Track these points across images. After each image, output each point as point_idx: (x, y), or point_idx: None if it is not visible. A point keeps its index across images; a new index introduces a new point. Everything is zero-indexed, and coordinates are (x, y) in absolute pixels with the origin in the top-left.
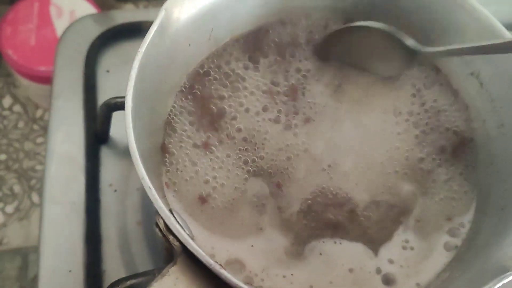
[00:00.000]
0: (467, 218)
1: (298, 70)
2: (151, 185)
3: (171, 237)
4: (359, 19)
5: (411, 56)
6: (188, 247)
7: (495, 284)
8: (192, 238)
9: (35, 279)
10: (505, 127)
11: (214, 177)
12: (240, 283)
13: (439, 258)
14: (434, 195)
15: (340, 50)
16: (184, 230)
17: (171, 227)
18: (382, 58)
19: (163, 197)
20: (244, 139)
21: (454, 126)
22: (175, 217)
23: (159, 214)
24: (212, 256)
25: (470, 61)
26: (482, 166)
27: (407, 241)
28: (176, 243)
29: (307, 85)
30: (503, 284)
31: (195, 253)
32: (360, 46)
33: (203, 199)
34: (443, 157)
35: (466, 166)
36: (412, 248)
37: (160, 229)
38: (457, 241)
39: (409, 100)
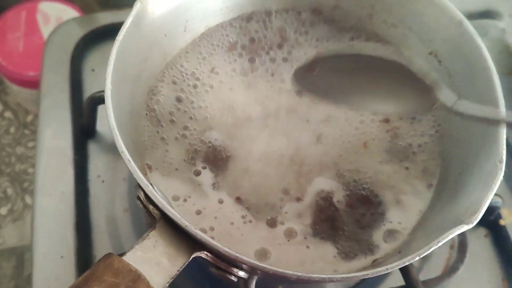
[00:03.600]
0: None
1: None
2: (130, 158)
3: (151, 207)
4: (327, 10)
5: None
6: (165, 211)
7: (451, 233)
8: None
9: (30, 277)
10: (462, 100)
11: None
12: (212, 241)
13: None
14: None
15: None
16: (163, 198)
17: (150, 195)
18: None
19: (145, 175)
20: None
21: None
22: (154, 188)
23: (139, 187)
24: None
25: (428, 41)
26: (444, 137)
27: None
28: (156, 212)
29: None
30: None
31: (172, 216)
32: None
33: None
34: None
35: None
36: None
37: (141, 201)
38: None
39: None
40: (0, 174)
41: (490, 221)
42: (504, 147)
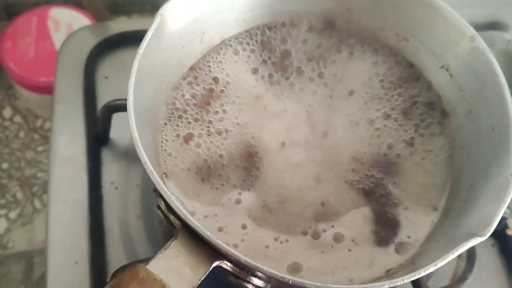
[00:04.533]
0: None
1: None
2: (152, 169)
3: (171, 217)
4: (340, 22)
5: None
6: (187, 221)
7: (463, 247)
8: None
9: (39, 281)
10: (473, 113)
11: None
12: (234, 251)
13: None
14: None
15: None
16: (183, 208)
17: (172, 205)
18: None
19: (164, 184)
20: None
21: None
22: (175, 198)
23: (160, 197)
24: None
25: (440, 55)
26: (455, 149)
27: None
28: (177, 222)
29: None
30: None
31: (194, 226)
32: None
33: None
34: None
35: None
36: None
37: (162, 210)
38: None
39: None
40: (10, 179)
41: (497, 231)
42: None
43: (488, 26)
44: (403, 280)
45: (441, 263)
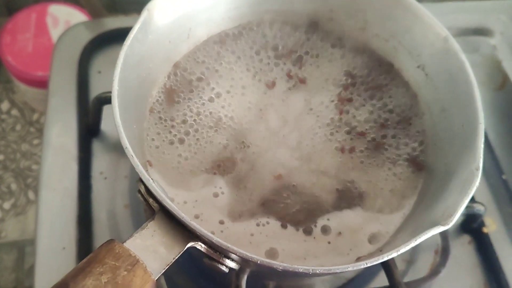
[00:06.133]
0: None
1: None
2: (133, 154)
3: (150, 200)
4: (323, 21)
5: None
6: (164, 203)
7: (426, 234)
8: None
9: (30, 270)
10: (446, 111)
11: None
12: (207, 233)
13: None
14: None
15: None
16: (162, 191)
17: (150, 188)
18: None
19: (146, 170)
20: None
21: (407, 114)
22: (154, 182)
23: (141, 181)
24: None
25: (417, 55)
26: (429, 146)
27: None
28: (155, 204)
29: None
30: None
31: (170, 208)
32: None
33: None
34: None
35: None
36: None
37: (141, 194)
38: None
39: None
40: (5, 170)
41: (474, 228)
42: (481, 155)
43: (474, 32)
44: (366, 264)
45: (403, 249)
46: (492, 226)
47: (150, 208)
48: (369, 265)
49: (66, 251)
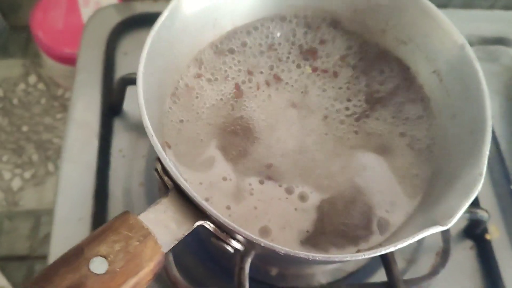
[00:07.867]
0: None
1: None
2: (153, 133)
3: (165, 178)
4: (345, 22)
5: None
6: (178, 181)
7: (424, 232)
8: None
9: (44, 239)
10: (456, 118)
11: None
12: (216, 212)
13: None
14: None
15: None
16: (176, 170)
17: (166, 166)
18: None
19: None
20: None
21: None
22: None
23: (158, 160)
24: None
25: (433, 60)
26: (438, 149)
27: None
28: (170, 183)
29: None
30: None
31: (182, 186)
32: None
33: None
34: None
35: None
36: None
37: (157, 172)
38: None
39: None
40: (28, 141)
41: (477, 234)
42: (485, 162)
43: (495, 41)
44: (364, 255)
45: (401, 245)
46: (495, 233)
47: (164, 186)
48: (366, 256)
49: (81, 222)
